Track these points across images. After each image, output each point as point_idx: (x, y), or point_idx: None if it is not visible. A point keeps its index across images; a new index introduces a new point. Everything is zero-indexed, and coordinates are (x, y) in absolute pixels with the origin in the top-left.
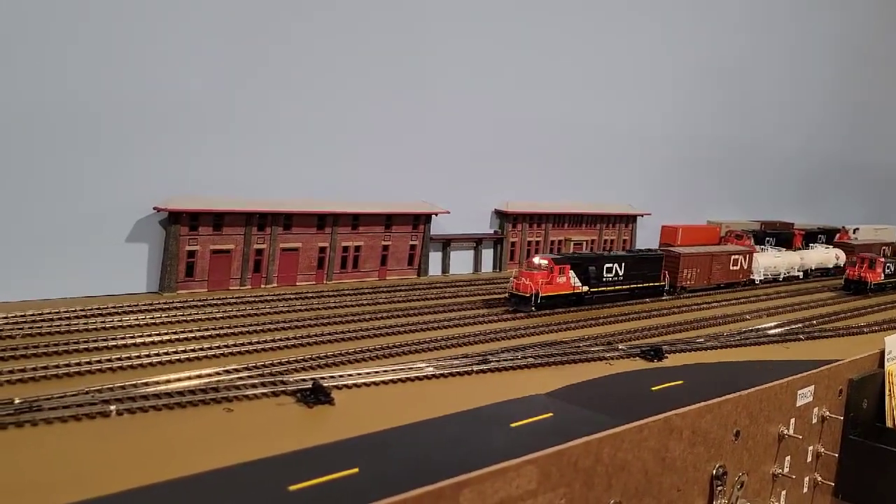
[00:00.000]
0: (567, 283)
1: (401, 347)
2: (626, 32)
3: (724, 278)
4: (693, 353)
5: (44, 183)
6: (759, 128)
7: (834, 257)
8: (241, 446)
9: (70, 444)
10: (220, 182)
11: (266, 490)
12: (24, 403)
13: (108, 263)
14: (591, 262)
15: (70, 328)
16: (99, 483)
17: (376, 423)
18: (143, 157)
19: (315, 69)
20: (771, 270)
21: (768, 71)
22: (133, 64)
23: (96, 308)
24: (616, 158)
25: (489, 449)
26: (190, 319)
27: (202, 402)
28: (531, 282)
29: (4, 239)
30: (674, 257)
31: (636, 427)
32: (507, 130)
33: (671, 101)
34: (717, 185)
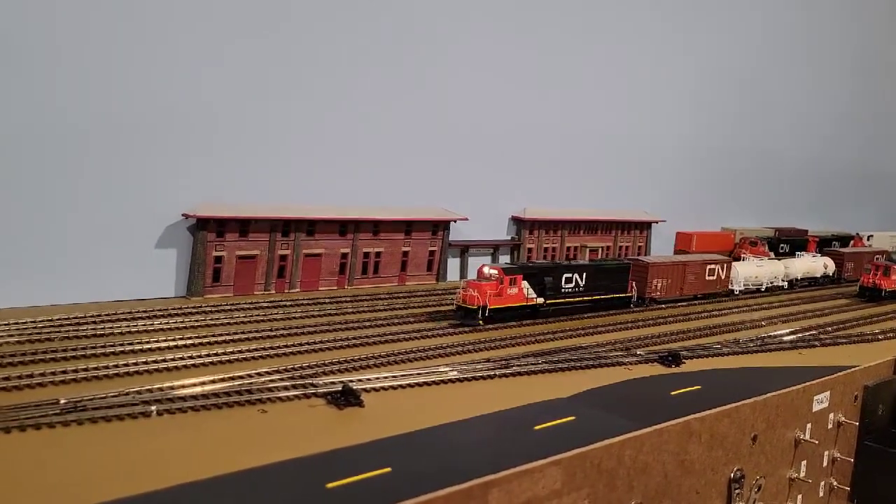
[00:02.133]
0: (519, 295)
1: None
2: (645, 42)
3: (699, 289)
4: (709, 359)
5: (77, 192)
6: (775, 136)
7: (822, 266)
8: (278, 446)
9: (116, 442)
10: (246, 190)
11: (306, 487)
12: (69, 403)
13: (138, 268)
14: (548, 272)
15: (105, 331)
16: (148, 479)
17: (405, 424)
18: (172, 165)
19: (338, 82)
20: (752, 280)
21: (785, 80)
22: (164, 81)
23: (128, 312)
24: (632, 166)
25: (515, 450)
26: (219, 323)
27: (237, 403)
28: (478, 293)
29: (40, 245)
30: (641, 267)
31: (656, 431)
32: (526, 139)
33: (687, 110)
34: (732, 193)
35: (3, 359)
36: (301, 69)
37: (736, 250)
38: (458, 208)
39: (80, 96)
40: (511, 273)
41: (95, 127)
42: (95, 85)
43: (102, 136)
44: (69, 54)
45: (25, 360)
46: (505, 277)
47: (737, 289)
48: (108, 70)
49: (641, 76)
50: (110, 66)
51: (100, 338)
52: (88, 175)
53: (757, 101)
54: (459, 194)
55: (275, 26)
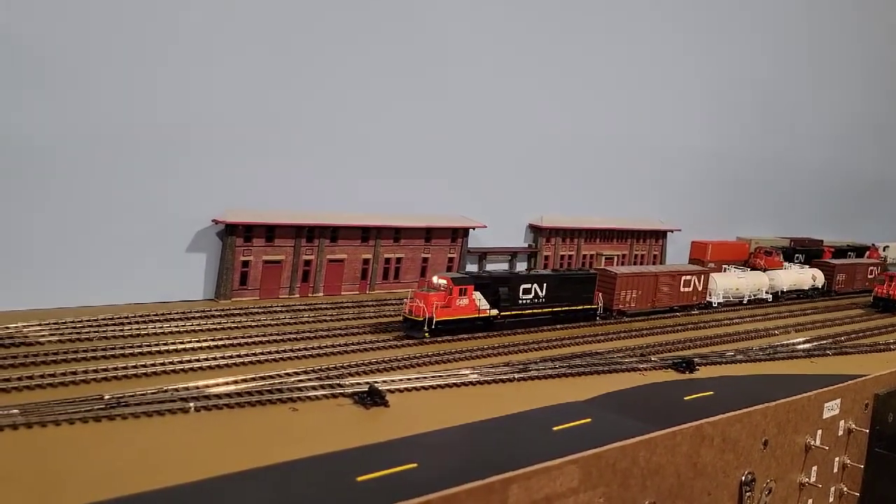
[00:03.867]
0: (470, 307)
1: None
2: (664, 54)
3: (673, 301)
4: (722, 366)
5: (112, 198)
6: (791, 145)
7: (810, 278)
8: (309, 441)
9: (158, 435)
10: (273, 197)
11: (338, 480)
12: (113, 399)
13: (170, 272)
14: (503, 282)
15: (141, 332)
16: (189, 470)
17: (429, 423)
18: (202, 173)
19: (362, 95)
20: (732, 293)
21: (802, 90)
22: (194, 94)
23: (162, 314)
24: (649, 176)
25: (534, 449)
26: (248, 325)
27: (269, 401)
28: (424, 304)
29: (80, 250)
30: (609, 277)
31: (670, 433)
32: (545, 148)
33: (703, 119)
34: (748, 202)
35: (48, 356)
36: (326, 83)
37: (751, 259)
38: (477, 216)
39: (122, 113)
40: (461, 283)
41: (133, 139)
42: (136, 102)
43: (139, 148)
44: (114, 72)
45: (69, 359)
46: (454, 288)
47: (715, 301)
48: (148, 86)
49: (659, 87)
50: (150, 82)
51: (136, 338)
52: (126, 184)
53: (774, 112)
54: (479, 202)
55: (301, 42)
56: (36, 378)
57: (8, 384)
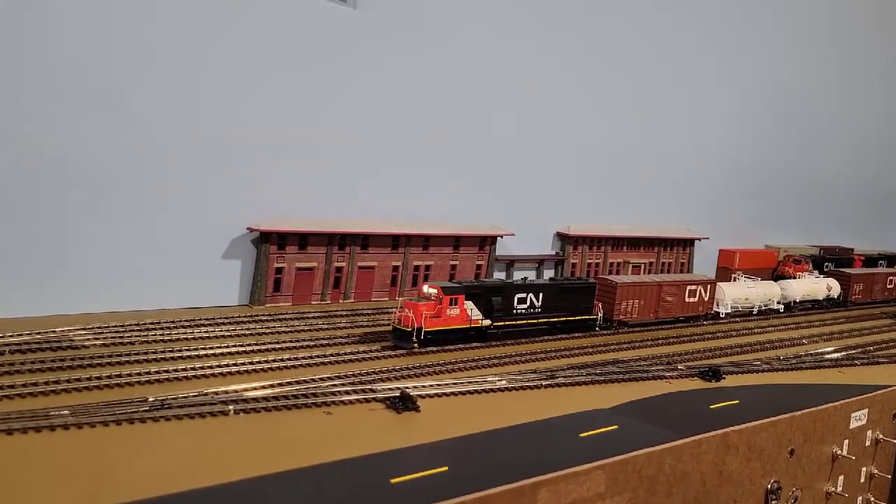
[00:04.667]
0: (462, 316)
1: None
2: (692, 60)
3: (677, 311)
4: (749, 375)
5: (153, 209)
6: (821, 153)
7: (825, 288)
8: (344, 444)
9: (200, 437)
10: (306, 206)
11: (372, 482)
12: (157, 402)
13: (207, 278)
14: (496, 291)
15: (179, 336)
16: (231, 469)
17: (458, 428)
18: (238, 182)
19: (391, 108)
20: (741, 303)
21: (830, 96)
22: (230, 111)
23: (200, 319)
24: (676, 183)
25: (562, 455)
26: (282, 331)
27: (304, 405)
28: (414, 314)
29: (121, 257)
30: (609, 287)
31: (695, 441)
32: (572, 157)
33: (732, 127)
34: (777, 210)
35: (93, 360)
36: (355, 95)
37: (779, 268)
38: (505, 224)
39: (163, 129)
40: (451, 292)
41: (173, 153)
42: (177, 119)
43: (179, 162)
44: (156, 90)
45: (113, 362)
46: (444, 297)
47: (723, 311)
48: (189, 105)
49: (687, 94)
50: (191, 101)
51: (175, 342)
52: (166, 195)
53: (804, 120)
54: (507, 211)
55: (331, 59)
56: (83, 380)
57: (58, 386)
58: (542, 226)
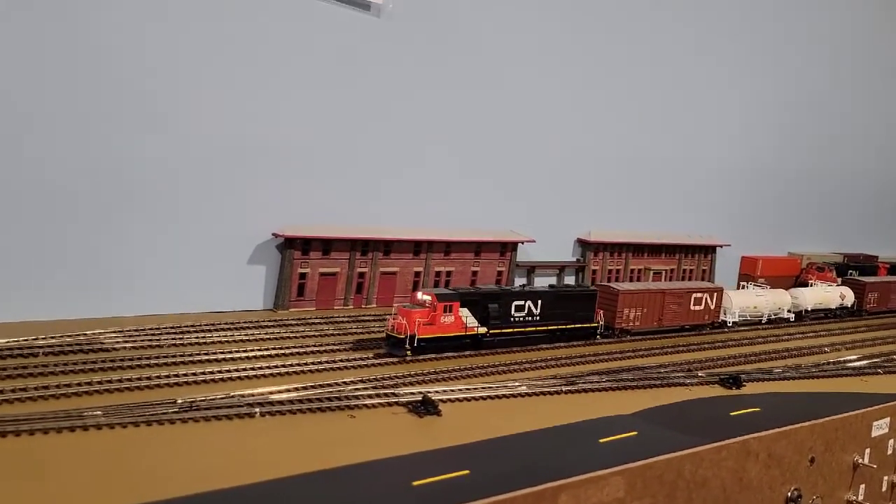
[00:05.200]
0: (457, 324)
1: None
2: (713, 66)
3: (681, 320)
4: (770, 383)
5: (180, 216)
6: (845, 159)
7: (838, 296)
8: (367, 447)
9: (227, 438)
10: (328, 211)
11: (395, 484)
12: (185, 404)
13: (232, 283)
14: (493, 298)
15: (206, 340)
16: (258, 470)
17: (479, 432)
18: (264, 189)
19: (410, 115)
20: (750, 311)
21: (853, 102)
22: (257, 117)
23: (226, 323)
24: (698, 190)
25: (582, 460)
26: (307, 335)
27: (328, 408)
28: (407, 321)
29: (149, 262)
30: (610, 294)
31: (715, 448)
32: (592, 163)
33: (754, 133)
34: (801, 217)
35: (123, 362)
36: (379, 104)
37: (802, 275)
38: (525, 230)
39: (192, 140)
40: (446, 299)
41: (201, 163)
42: (203, 124)
43: (207, 170)
44: (191, 98)
45: (142, 364)
46: (438, 304)
47: (730, 320)
48: (216, 118)
49: (708, 100)
50: (216, 107)
51: (202, 345)
52: (193, 202)
53: (828, 126)
54: (528, 217)
55: (355, 68)
56: (114, 382)
57: (90, 387)
58: (563, 232)
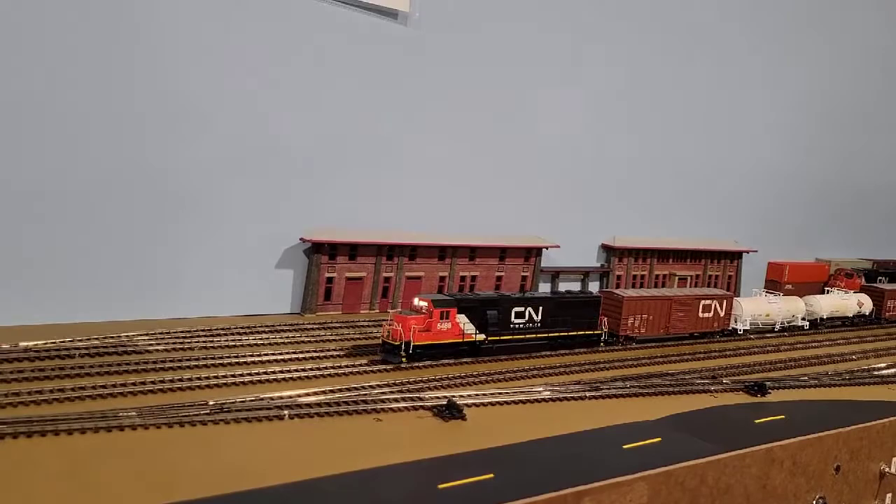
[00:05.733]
0: (454, 331)
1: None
2: (741, 72)
3: (690, 327)
4: (795, 390)
5: (212, 221)
6: (874, 164)
7: (855, 304)
8: (393, 450)
9: (258, 440)
10: (355, 217)
11: (421, 487)
12: (216, 406)
13: (261, 286)
14: (492, 304)
15: (235, 343)
16: (287, 471)
17: (504, 437)
18: (292, 194)
19: (435, 120)
20: (762, 319)
21: (882, 106)
22: (287, 126)
23: (255, 326)
24: (724, 195)
25: (605, 465)
26: (333, 339)
27: (355, 411)
28: (402, 328)
29: (181, 266)
30: (615, 301)
31: (739, 455)
32: (618, 169)
33: (781, 138)
34: (829, 222)
35: (157, 364)
36: (404, 111)
37: (830, 281)
38: (550, 235)
39: (223, 144)
40: (443, 305)
41: (233, 168)
42: (235, 132)
43: (238, 175)
44: (226, 107)
45: (174, 367)
46: (434, 311)
47: (741, 328)
48: (247, 119)
49: (736, 106)
50: (247, 115)
51: (232, 348)
52: (224, 208)
53: (855, 130)
54: (552, 222)
55: (382, 76)
56: (148, 384)
57: (125, 389)
58: (587, 237)
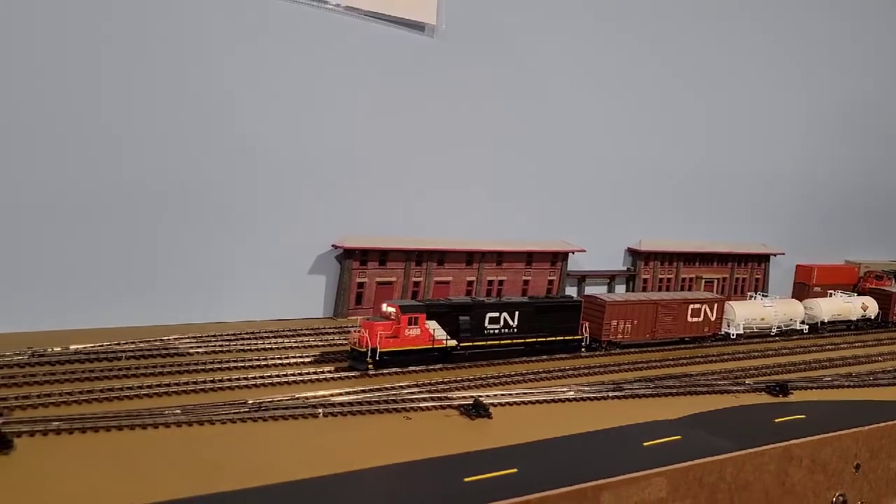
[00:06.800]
0: (423, 337)
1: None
2: (762, 76)
3: (678, 332)
4: (817, 391)
5: (247, 229)
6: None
7: (859, 307)
8: (422, 446)
9: (294, 436)
10: (384, 223)
11: (448, 480)
12: (255, 404)
13: (294, 291)
14: (464, 310)
15: (271, 346)
16: (323, 465)
17: (528, 434)
18: (324, 202)
19: (462, 129)
20: (756, 323)
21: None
22: (320, 135)
23: (289, 329)
24: (752, 198)
25: (625, 462)
26: None
27: (386, 410)
28: (369, 334)
29: (220, 272)
30: (596, 306)
31: (757, 452)
32: (644, 174)
33: (809, 141)
34: (859, 225)
35: (197, 366)
36: (431, 120)
37: (860, 284)
38: (576, 239)
39: (258, 153)
40: (411, 311)
41: (267, 173)
42: (270, 142)
43: (272, 185)
44: (262, 118)
45: (215, 368)
46: (402, 316)
47: (734, 332)
48: (280, 129)
49: (763, 109)
50: (280, 125)
51: (268, 350)
52: (259, 216)
53: (884, 133)
54: (578, 226)
55: (409, 86)
56: (191, 384)
57: (169, 388)
58: (614, 241)
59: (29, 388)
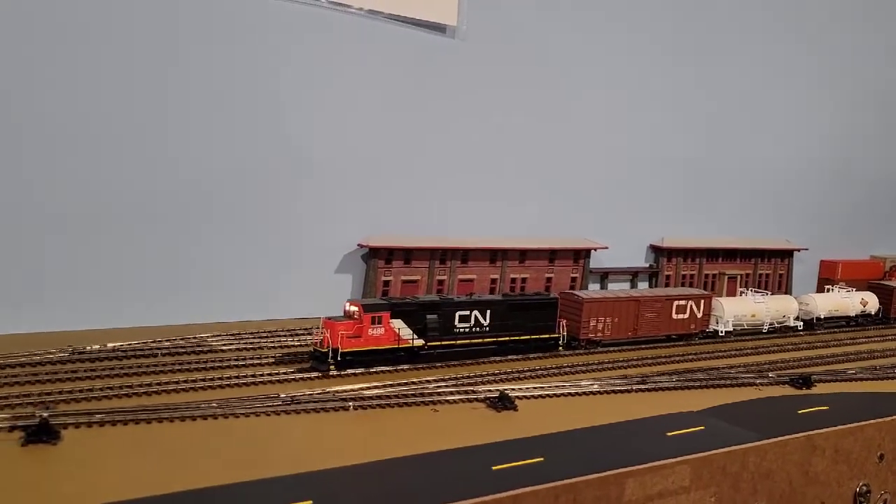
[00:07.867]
0: (388, 336)
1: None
2: (787, 67)
3: (662, 329)
4: (841, 384)
5: (279, 230)
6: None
7: (858, 303)
8: (450, 437)
9: (326, 428)
10: (409, 222)
11: (477, 468)
12: (287, 398)
13: (322, 289)
14: (431, 308)
15: (301, 343)
16: (355, 454)
17: (553, 426)
18: (350, 202)
19: (485, 128)
20: (747, 319)
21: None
22: (346, 137)
23: (318, 327)
24: (776, 194)
25: (649, 451)
26: None
27: (414, 403)
28: (331, 334)
29: (251, 272)
30: (574, 303)
31: (780, 442)
32: (667, 169)
33: (834, 136)
34: (884, 219)
35: (231, 362)
36: (454, 120)
37: (885, 278)
38: (598, 236)
39: (286, 155)
40: (374, 310)
41: (295, 174)
42: (299, 144)
43: (300, 185)
44: (289, 121)
45: (248, 364)
46: (365, 315)
47: (723, 329)
48: (308, 131)
49: (788, 104)
50: (309, 128)
51: (298, 347)
52: (288, 217)
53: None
54: (601, 224)
55: (432, 88)
56: (225, 378)
57: (205, 383)
58: (636, 238)
59: (72, 383)
